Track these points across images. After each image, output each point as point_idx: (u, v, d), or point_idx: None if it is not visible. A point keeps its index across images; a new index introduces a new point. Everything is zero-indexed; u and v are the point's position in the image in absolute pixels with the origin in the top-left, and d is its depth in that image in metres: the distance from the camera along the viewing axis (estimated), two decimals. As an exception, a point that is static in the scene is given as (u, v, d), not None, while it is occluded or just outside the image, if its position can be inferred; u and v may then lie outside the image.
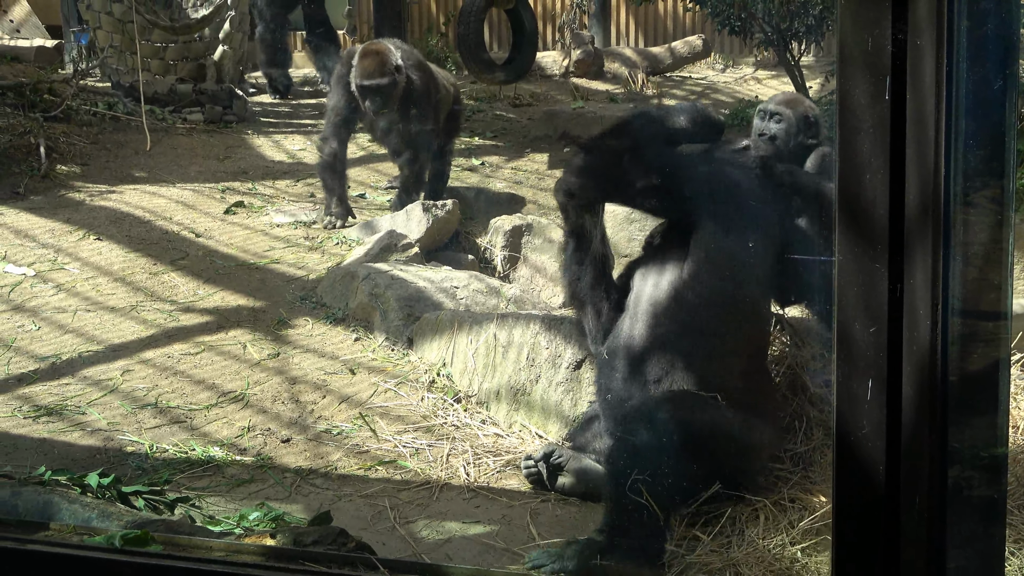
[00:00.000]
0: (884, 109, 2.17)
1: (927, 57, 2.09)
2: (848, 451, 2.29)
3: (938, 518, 2.25)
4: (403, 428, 4.62)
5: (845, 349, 2.28)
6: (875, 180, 2.19)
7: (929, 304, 2.16)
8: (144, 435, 4.54)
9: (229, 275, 6.33)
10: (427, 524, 3.82)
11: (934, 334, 2.16)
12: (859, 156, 2.21)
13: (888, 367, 2.24)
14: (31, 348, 5.37)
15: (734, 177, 3.99)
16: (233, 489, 4.13)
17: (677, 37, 13.53)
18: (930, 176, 2.12)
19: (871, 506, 2.28)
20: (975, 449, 2.32)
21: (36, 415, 4.71)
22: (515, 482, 4.13)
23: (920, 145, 2.13)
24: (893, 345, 2.23)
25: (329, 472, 4.29)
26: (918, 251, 2.16)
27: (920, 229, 2.15)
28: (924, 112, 2.12)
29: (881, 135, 2.18)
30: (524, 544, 3.62)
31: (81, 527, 3.04)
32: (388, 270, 5.95)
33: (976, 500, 2.36)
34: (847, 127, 2.21)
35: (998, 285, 2.18)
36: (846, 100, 2.21)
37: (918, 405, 2.20)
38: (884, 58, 2.15)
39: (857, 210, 2.23)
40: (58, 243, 6.58)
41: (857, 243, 2.23)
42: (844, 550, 2.33)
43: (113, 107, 9.39)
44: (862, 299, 2.23)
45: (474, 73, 10.08)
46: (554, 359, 4.53)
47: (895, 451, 2.26)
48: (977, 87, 2.09)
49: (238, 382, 5.03)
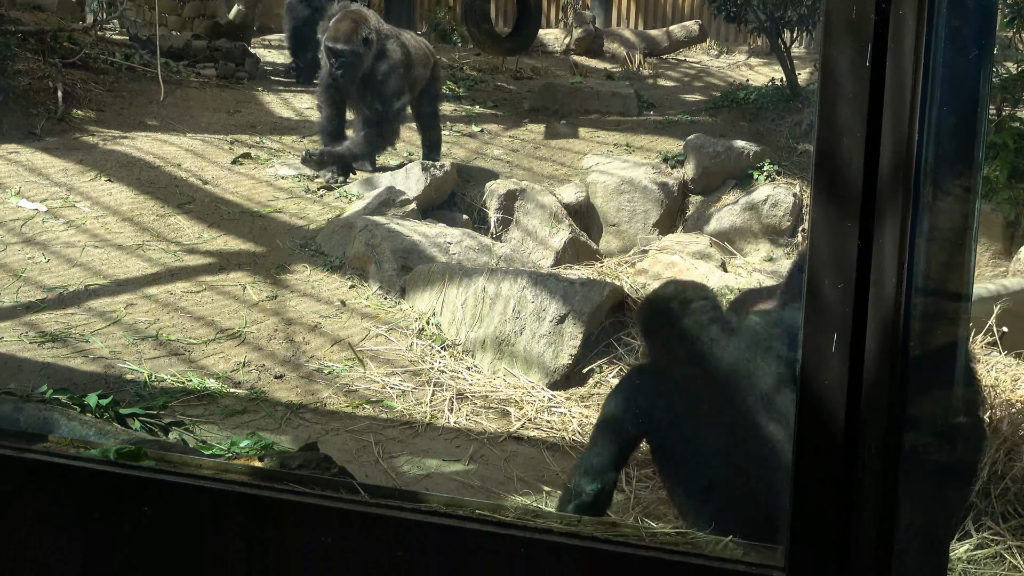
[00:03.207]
0: (864, 75, 2.17)
1: (908, 26, 2.09)
2: (810, 399, 2.30)
3: (892, 469, 2.26)
4: (391, 371, 4.63)
5: (813, 303, 2.28)
6: (852, 143, 2.19)
7: (896, 264, 2.17)
8: (144, 365, 4.55)
9: (233, 221, 6.32)
10: (409, 460, 3.84)
11: (899, 291, 2.16)
12: (838, 120, 2.21)
13: (853, 322, 2.25)
14: (40, 279, 5.36)
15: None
16: (226, 418, 4.14)
17: (675, 21, 13.48)
18: (904, 141, 2.13)
19: (830, 452, 2.29)
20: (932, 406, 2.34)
21: (41, 341, 4.71)
22: (495, 425, 4.14)
23: (897, 111, 2.13)
24: (859, 302, 2.24)
25: (318, 408, 4.30)
26: (888, 213, 2.16)
27: (891, 191, 2.15)
28: (902, 79, 2.12)
29: (860, 100, 2.17)
30: (499, 482, 3.64)
31: (78, 441, 3.04)
32: (385, 223, 5.95)
33: (931, 455, 2.38)
34: (828, 92, 2.21)
35: (963, 247, 2.19)
36: (828, 66, 2.20)
37: (879, 359, 2.21)
38: (867, 26, 2.14)
39: (833, 171, 2.23)
40: (70, 182, 6.56)
41: (830, 202, 2.23)
42: (802, 493, 2.34)
43: (130, 58, 9.32)
44: (832, 256, 2.24)
45: (479, 45, 10.05)
46: (539, 313, 4.54)
47: (855, 401, 2.27)
48: (954, 56, 2.09)
49: (236, 320, 5.04)
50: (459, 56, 11.18)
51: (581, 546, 2.55)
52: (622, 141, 8.60)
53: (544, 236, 6.81)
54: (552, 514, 2.81)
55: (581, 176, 7.72)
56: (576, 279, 5.10)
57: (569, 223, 6.96)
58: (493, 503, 2.70)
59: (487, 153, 8.36)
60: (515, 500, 3.43)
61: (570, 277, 5.30)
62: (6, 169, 6.56)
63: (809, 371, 2.29)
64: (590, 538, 2.58)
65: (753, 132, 8.59)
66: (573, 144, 8.59)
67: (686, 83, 11.36)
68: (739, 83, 10.62)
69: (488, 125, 9.02)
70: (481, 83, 10.33)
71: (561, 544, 2.55)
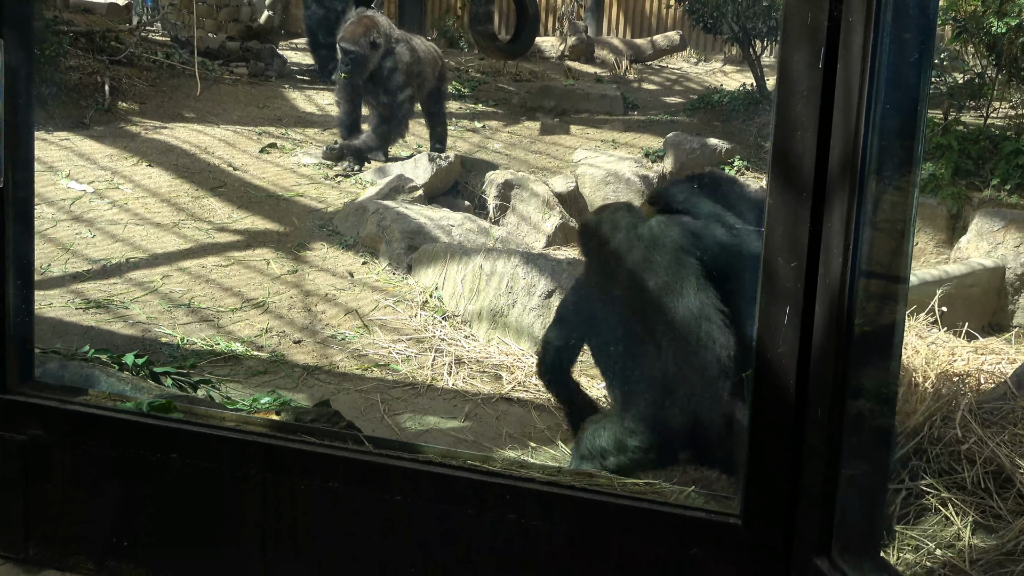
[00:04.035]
0: (817, 76, 2.16)
1: (857, 32, 2.07)
2: (765, 367, 2.30)
3: (836, 429, 2.26)
4: (397, 338, 4.63)
5: (769, 280, 2.28)
6: (805, 136, 2.19)
7: (843, 245, 2.16)
8: (177, 329, 4.54)
9: (259, 203, 6.31)
10: (411, 417, 3.84)
11: (844, 271, 2.16)
12: (793, 116, 2.20)
13: (804, 298, 2.25)
14: (86, 252, 5.35)
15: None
16: (249, 378, 4.14)
17: (659, 32, 13.44)
18: (852, 135, 2.12)
19: (783, 414, 2.29)
20: (873, 374, 2.34)
21: (86, 307, 4.71)
22: (488, 388, 4.14)
23: (846, 108, 2.13)
24: (810, 280, 2.24)
25: (332, 370, 4.30)
26: (837, 199, 2.16)
27: (840, 181, 2.15)
28: (851, 80, 2.11)
29: (813, 98, 2.16)
30: (491, 438, 3.64)
31: (115, 395, 3.05)
32: (395, 207, 5.94)
33: (870, 419, 2.38)
34: (784, 90, 2.20)
35: (902, 231, 2.18)
36: (785, 67, 2.19)
37: (827, 331, 2.21)
38: (820, 32, 2.13)
39: (788, 162, 2.22)
40: (115, 167, 6.54)
41: (786, 190, 2.23)
42: (757, 448, 2.34)
43: (170, 57, 9.29)
44: (786, 238, 2.23)
45: (483, 50, 10.00)
46: (529, 288, 4.53)
47: (805, 369, 2.27)
48: (898, 59, 2.08)
49: (260, 291, 5.03)
50: (465, 60, 11.14)
51: (561, 494, 2.56)
52: (608, 138, 8.57)
53: (537, 221, 6.80)
54: (536, 465, 2.81)
55: (571, 168, 7.70)
56: (563, 258, 5.11)
57: (560, 210, 6.95)
58: (483, 455, 2.70)
59: (488, 147, 8.33)
60: (504, 454, 3.44)
61: (558, 257, 5.30)
62: (58, 154, 6.54)
63: (765, 340, 2.29)
64: (569, 487, 2.58)
65: (726, 131, 8.57)
66: (565, 140, 8.57)
67: (667, 87, 11.32)
68: (714, 87, 10.59)
69: (489, 121, 8.99)
70: (484, 84, 10.30)
71: (543, 492, 2.56)
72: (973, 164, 6.98)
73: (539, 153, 8.25)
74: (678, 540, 2.45)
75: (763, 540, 2.35)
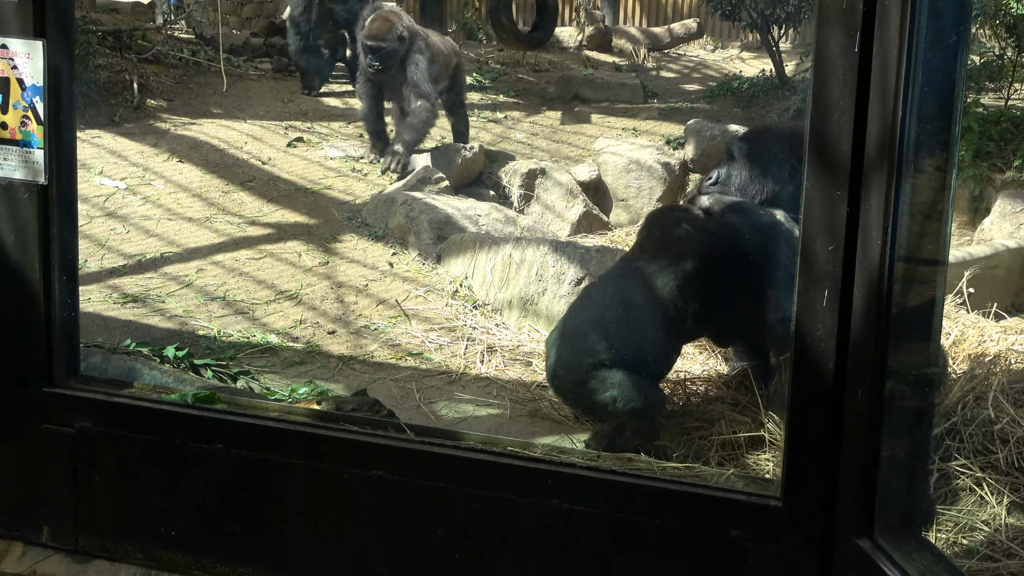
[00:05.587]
0: (853, 59, 2.14)
1: (893, 15, 2.06)
2: (804, 349, 2.29)
3: (876, 410, 2.24)
4: (430, 327, 4.63)
5: (807, 263, 2.27)
6: (842, 120, 2.17)
7: (881, 228, 2.15)
8: (213, 322, 4.56)
9: (288, 197, 6.32)
10: (446, 405, 3.84)
11: (883, 252, 2.14)
12: (829, 99, 2.18)
13: (842, 281, 2.23)
14: (121, 247, 5.38)
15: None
16: (286, 368, 4.15)
17: (676, 20, 13.37)
18: (889, 118, 2.10)
19: (822, 396, 2.28)
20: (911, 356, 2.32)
21: (124, 301, 4.73)
22: (522, 374, 4.14)
23: (882, 91, 2.11)
24: (847, 262, 2.22)
25: (366, 359, 4.30)
26: (874, 182, 2.14)
27: (878, 163, 2.13)
28: (887, 63, 2.09)
29: (849, 82, 2.15)
30: (526, 425, 3.64)
31: (159, 387, 3.06)
32: (423, 198, 5.93)
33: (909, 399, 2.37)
34: (821, 74, 2.18)
35: (940, 213, 2.16)
36: (821, 51, 2.18)
37: (866, 313, 2.19)
38: (856, 15, 2.12)
39: (825, 145, 2.21)
40: (146, 163, 6.55)
41: (823, 173, 2.21)
42: (796, 430, 2.33)
43: (196, 54, 9.30)
44: (824, 220, 2.22)
45: (502, 41, 9.97)
46: (559, 276, 4.53)
47: (843, 351, 2.25)
48: (934, 42, 2.06)
49: (293, 283, 5.04)
50: (484, 51, 11.11)
51: (601, 478, 2.56)
52: (629, 126, 8.54)
53: (561, 210, 6.79)
54: (575, 451, 2.81)
55: (594, 157, 7.67)
56: (591, 246, 5.09)
57: (583, 198, 6.93)
58: (523, 441, 2.70)
59: (510, 137, 8.31)
60: (542, 440, 3.43)
61: (586, 245, 5.28)
62: (90, 152, 6.56)
63: (803, 323, 2.28)
64: (609, 471, 2.58)
65: (746, 117, 8.51)
66: (586, 128, 8.54)
67: (686, 75, 11.26)
68: (733, 74, 10.53)
69: (511, 112, 8.97)
70: (504, 75, 10.27)
71: (584, 476, 2.56)
72: (995, 146, 6.92)
73: (561, 142, 8.23)
74: (718, 523, 2.44)
75: (803, 522, 2.34)
